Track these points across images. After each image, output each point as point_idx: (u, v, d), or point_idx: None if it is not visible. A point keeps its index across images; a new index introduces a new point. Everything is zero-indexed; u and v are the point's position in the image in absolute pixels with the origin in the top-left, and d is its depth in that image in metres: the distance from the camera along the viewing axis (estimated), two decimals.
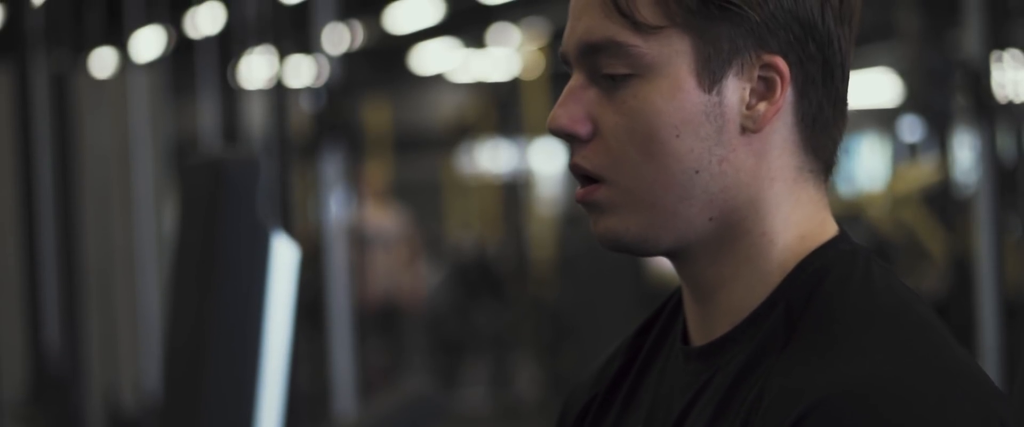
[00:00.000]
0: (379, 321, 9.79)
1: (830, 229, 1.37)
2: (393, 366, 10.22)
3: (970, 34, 5.07)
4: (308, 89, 6.37)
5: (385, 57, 17.50)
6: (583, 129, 1.35)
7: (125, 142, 6.63)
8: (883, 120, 16.58)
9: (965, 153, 7.81)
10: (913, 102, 10.10)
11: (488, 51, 15.94)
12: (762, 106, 1.33)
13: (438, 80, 19.85)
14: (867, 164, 17.43)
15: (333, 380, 5.96)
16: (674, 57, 1.32)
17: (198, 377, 2.33)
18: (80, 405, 6.08)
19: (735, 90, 1.33)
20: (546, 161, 15.49)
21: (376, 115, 14.21)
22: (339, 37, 6.38)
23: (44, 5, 6.60)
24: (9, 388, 6.24)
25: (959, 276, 7.79)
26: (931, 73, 8.84)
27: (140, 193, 6.61)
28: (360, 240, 8.24)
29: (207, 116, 7.12)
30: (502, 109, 13.51)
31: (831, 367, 1.24)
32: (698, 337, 1.39)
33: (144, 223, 6.59)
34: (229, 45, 6.72)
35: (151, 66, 7.85)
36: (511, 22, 14.19)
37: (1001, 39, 5.05)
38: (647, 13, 1.32)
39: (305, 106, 6.44)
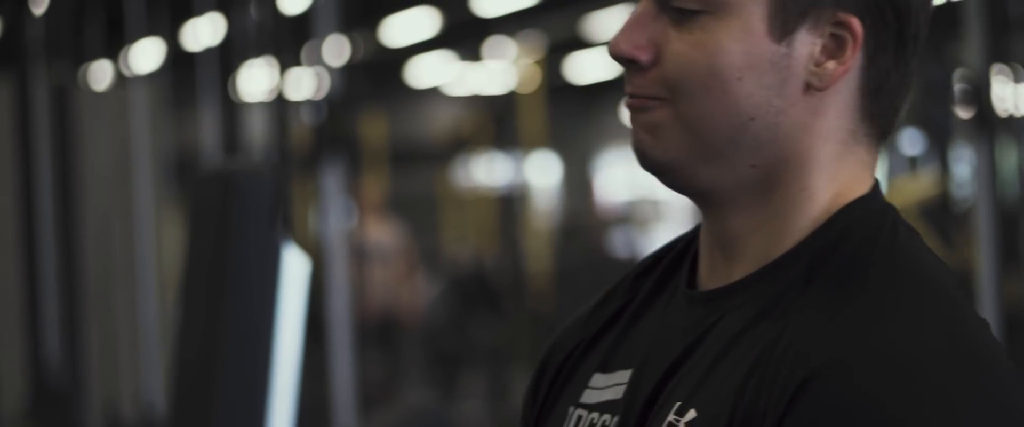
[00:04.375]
0: (377, 335, 9.78)
1: (864, 187, 1.34)
2: (390, 380, 10.21)
3: (970, 47, 5.08)
4: (308, 101, 6.36)
5: (381, 70, 17.50)
6: (645, 55, 1.32)
7: (125, 154, 6.63)
8: None
9: (964, 167, 7.83)
10: (912, 115, 10.11)
11: (484, 64, 15.95)
12: (831, 65, 1.31)
13: (434, 93, 19.85)
14: None
15: (333, 394, 5.94)
16: (748, 1, 1.30)
17: (209, 390, 2.32)
18: (80, 417, 6.07)
19: (805, 44, 1.30)
20: (542, 174, 15.49)
21: (372, 128, 14.21)
22: (340, 49, 6.38)
23: (44, 17, 6.60)
24: (10, 400, 6.23)
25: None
26: (930, 86, 8.85)
27: (140, 205, 6.60)
28: (359, 254, 8.24)
29: (207, 128, 7.12)
30: (498, 122, 13.51)
31: (843, 329, 1.22)
32: (709, 282, 1.36)
33: (144, 235, 6.59)
34: (229, 57, 6.71)
35: (151, 78, 7.85)
36: (507, 35, 14.20)
37: (1001, 52, 5.05)
38: None
39: (305, 119, 6.43)
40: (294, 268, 2.31)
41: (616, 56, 1.33)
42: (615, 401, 1.38)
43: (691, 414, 1.29)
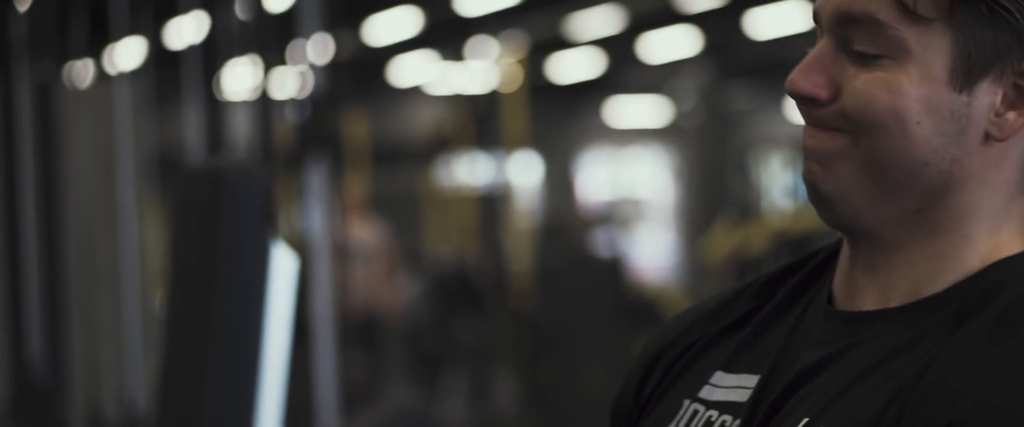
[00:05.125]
0: (358, 334, 9.78)
1: (1019, 244, 1.34)
2: (373, 379, 10.21)
3: None
4: (292, 100, 6.36)
5: (363, 69, 17.49)
6: (824, 93, 1.32)
7: (109, 152, 6.61)
8: None
9: None
10: None
11: (466, 64, 15.95)
12: (1011, 115, 1.30)
13: (416, 93, 19.84)
14: None
15: (316, 394, 5.94)
16: (931, 50, 1.29)
17: (198, 386, 2.32)
18: (63, 415, 6.06)
19: (987, 94, 1.30)
20: (524, 174, 15.50)
21: (354, 127, 14.20)
22: (324, 48, 6.38)
23: (27, 15, 6.58)
24: None
25: None
26: None
27: (123, 203, 6.59)
28: (342, 253, 8.23)
29: (191, 127, 7.11)
30: (480, 122, 13.51)
31: (999, 377, 1.23)
32: (845, 302, 1.37)
33: (127, 233, 6.57)
34: (213, 55, 6.70)
35: (134, 76, 7.83)
36: (489, 35, 14.20)
37: None
38: (921, 1, 1.29)
39: (289, 117, 6.42)
40: (283, 266, 2.30)
41: (794, 94, 1.33)
42: (738, 403, 1.38)
43: None
